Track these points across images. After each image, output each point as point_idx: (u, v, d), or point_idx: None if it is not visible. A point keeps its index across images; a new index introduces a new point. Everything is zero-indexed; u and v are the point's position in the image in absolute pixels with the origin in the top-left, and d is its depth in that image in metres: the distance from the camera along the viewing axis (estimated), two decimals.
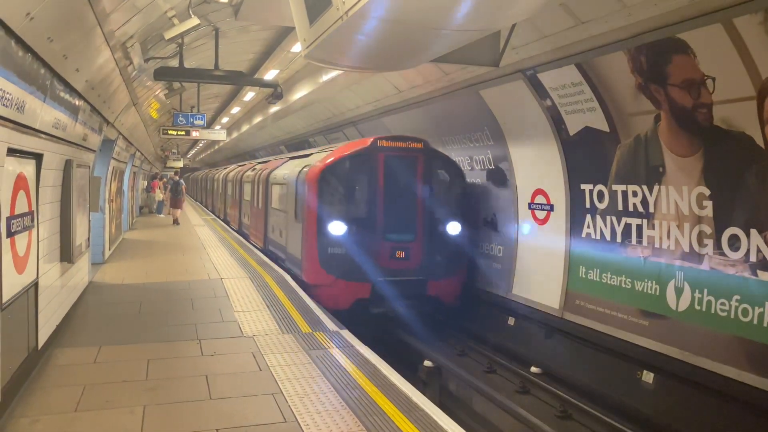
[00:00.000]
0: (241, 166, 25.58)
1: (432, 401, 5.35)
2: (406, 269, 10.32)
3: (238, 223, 21.14)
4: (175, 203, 22.59)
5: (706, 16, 5.61)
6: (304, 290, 10.02)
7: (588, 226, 8.44)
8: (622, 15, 6.08)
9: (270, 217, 14.87)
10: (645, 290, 7.43)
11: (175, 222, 22.10)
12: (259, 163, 20.46)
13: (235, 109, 23.08)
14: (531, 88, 8.52)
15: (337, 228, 10.20)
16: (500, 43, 6.18)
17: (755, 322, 6.00)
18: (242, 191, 20.41)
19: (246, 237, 18.66)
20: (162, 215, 25.71)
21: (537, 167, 9.47)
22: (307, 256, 10.53)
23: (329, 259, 10.22)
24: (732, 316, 6.26)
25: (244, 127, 24.64)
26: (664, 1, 5.59)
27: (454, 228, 10.69)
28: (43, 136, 5.71)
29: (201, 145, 41.36)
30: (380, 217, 10.33)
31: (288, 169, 13.32)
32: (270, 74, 14.17)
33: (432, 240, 10.52)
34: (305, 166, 11.45)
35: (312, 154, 13.33)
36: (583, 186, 8.49)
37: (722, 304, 6.38)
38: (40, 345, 6.13)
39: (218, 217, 27.18)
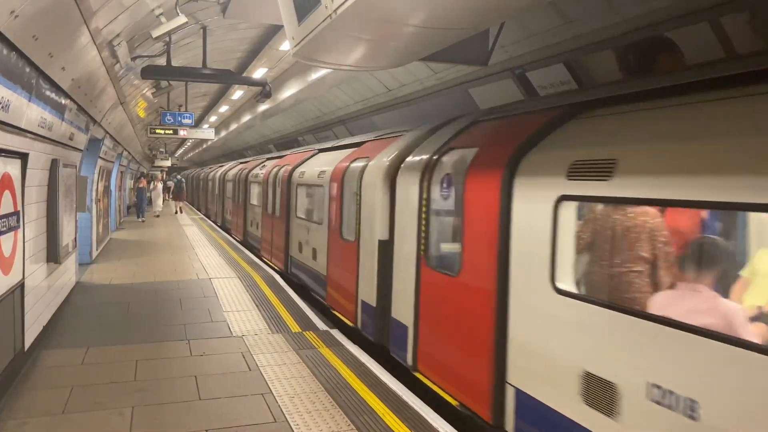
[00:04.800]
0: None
1: None
2: None
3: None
4: (178, 197, 29.66)
5: (693, 14, 5.65)
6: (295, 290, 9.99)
7: None
8: (609, 14, 6.12)
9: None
10: None
11: (177, 212, 27.58)
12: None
13: (224, 108, 22.95)
14: (520, 86, 8.54)
15: None
16: (489, 42, 6.19)
17: None
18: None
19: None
20: (141, 220, 24.71)
21: None
22: None
23: None
24: None
25: (233, 126, 24.49)
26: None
27: None
28: (28, 135, 5.66)
29: (189, 144, 41.17)
30: None
31: None
32: (258, 72, 14.10)
33: None
34: None
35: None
36: None
37: None
38: (26, 346, 6.08)
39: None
